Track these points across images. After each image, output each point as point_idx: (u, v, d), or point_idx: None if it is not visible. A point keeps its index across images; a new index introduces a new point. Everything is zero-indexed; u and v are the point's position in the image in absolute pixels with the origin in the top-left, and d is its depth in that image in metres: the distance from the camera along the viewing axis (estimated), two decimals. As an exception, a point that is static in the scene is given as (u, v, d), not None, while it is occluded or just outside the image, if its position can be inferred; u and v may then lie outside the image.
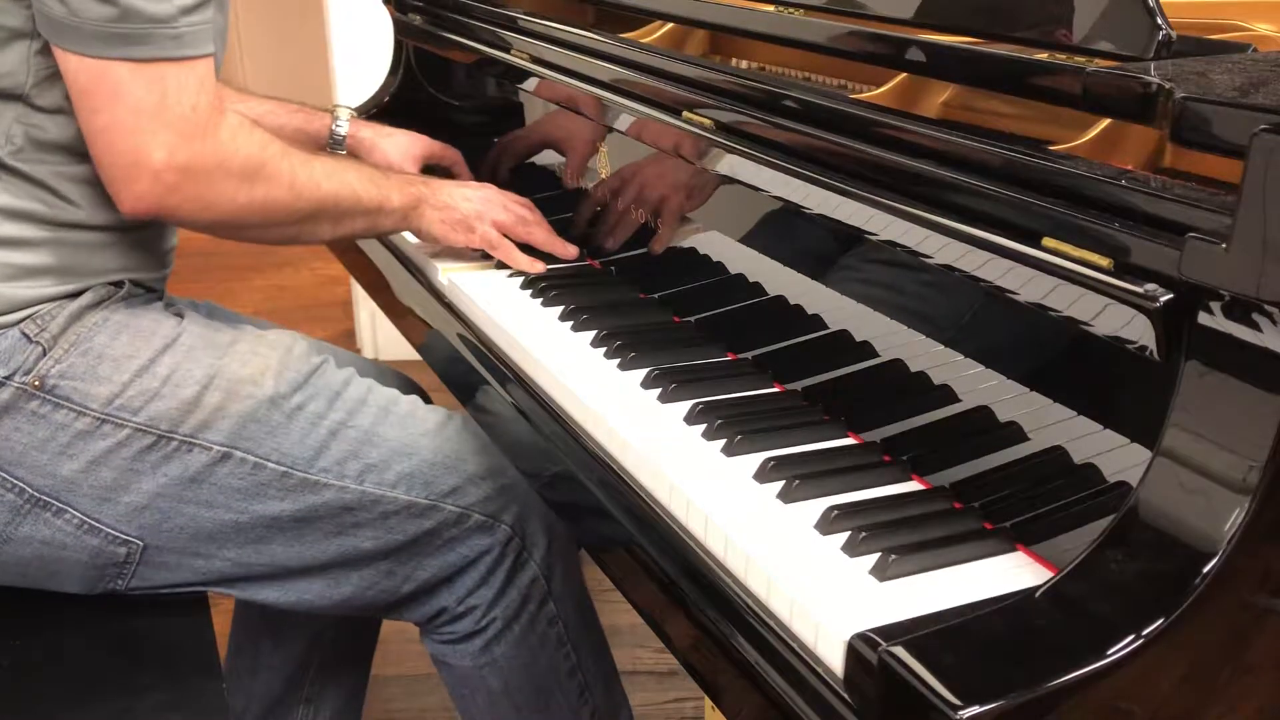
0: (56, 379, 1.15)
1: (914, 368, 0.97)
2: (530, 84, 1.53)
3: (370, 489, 1.23)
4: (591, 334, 1.21)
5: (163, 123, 1.10)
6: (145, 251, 1.26)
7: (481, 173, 1.75)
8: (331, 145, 1.62)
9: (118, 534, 1.18)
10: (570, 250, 1.43)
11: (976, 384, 0.91)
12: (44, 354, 1.15)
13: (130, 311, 1.21)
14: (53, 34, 1.09)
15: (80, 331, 1.17)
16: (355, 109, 1.97)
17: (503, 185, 1.48)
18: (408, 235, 1.54)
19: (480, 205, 1.39)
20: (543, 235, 1.42)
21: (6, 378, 1.13)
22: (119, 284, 1.22)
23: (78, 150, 1.15)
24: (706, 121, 1.15)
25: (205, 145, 1.12)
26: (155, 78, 1.09)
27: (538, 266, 1.39)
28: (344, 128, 1.61)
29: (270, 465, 1.20)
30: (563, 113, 1.48)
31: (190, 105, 1.11)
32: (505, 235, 1.39)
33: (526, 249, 1.41)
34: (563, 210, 1.53)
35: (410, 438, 1.26)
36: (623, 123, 1.32)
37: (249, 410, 1.20)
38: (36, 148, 1.15)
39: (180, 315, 1.26)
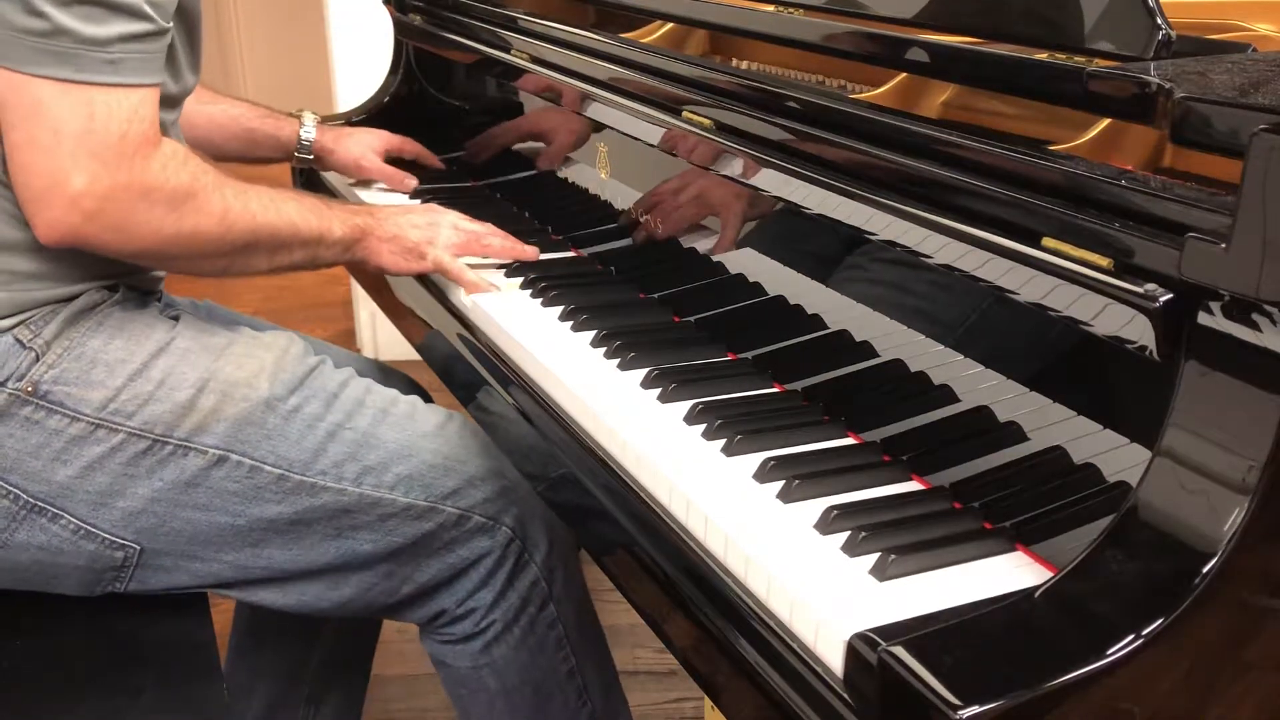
0: (50, 384, 1.14)
1: (914, 368, 0.97)
2: (529, 83, 1.53)
3: (368, 491, 1.23)
4: (591, 334, 1.21)
5: (86, 149, 1.05)
6: None
7: (479, 166, 1.76)
8: (299, 150, 1.67)
9: (114, 539, 1.18)
10: (529, 252, 1.41)
11: (976, 384, 0.91)
12: (37, 359, 1.14)
13: (124, 315, 1.20)
14: None
15: (74, 336, 1.16)
16: (352, 109, 1.99)
17: (501, 181, 1.48)
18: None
19: (428, 231, 1.37)
20: (498, 245, 1.40)
21: (0, 384, 1.13)
22: (113, 288, 1.22)
23: None
24: (706, 121, 1.15)
25: (131, 174, 1.07)
26: (82, 100, 1.04)
27: (492, 289, 1.36)
28: (311, 133, 1.66)
29: (267, 468, 1.20)
30: (560, 111, 1.48)
31: (118, 133, 1.06)
32: (461, 255, 1.37)
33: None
34: (563, 208, 1.53)
35: (409, 439, 1.26)
36: (622, 122, 1.32)
37: (244, 413, 1.19)
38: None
39: (175, 318, 1.25)
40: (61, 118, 1.04)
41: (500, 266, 1.41)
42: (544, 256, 1.43)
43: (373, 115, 1.95)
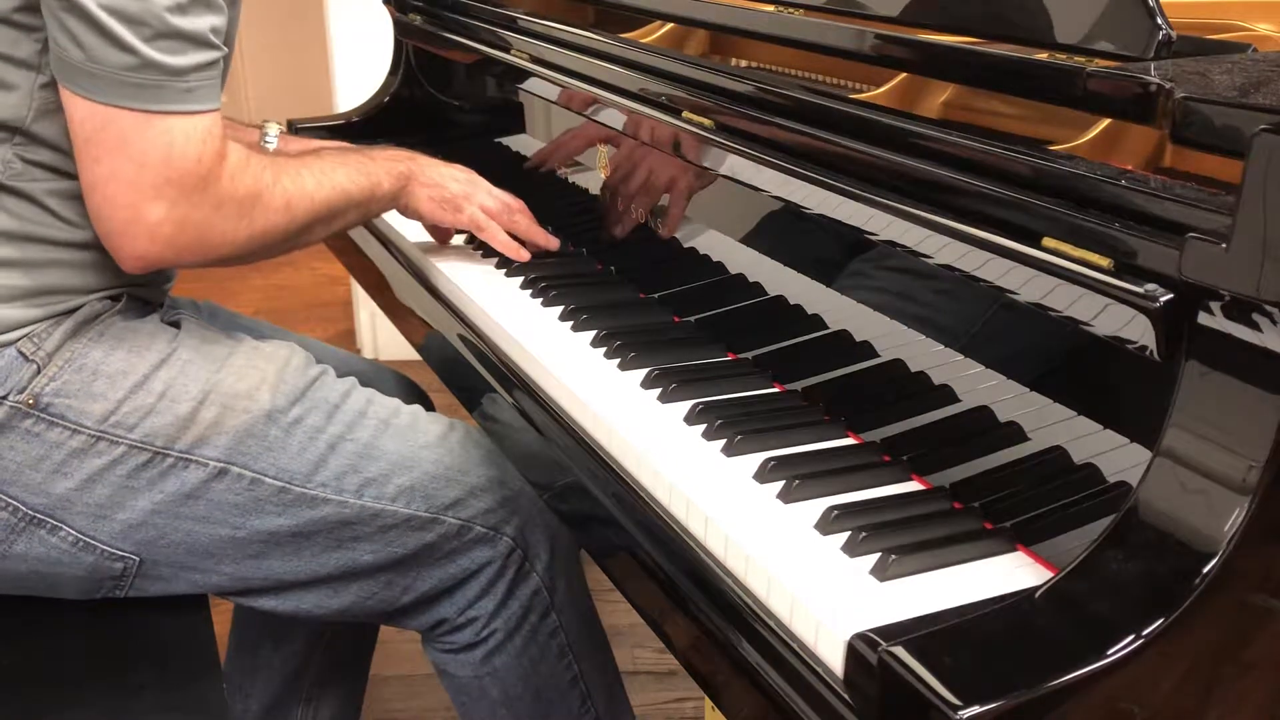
0: (51, 397, 1.14)
1: (914, 368, 0.97)
2: (530, 84, 1.53)
3: (369, 503, 1.22)
4: (591, 334, 1.21)
5: (165, 177, 1.08)
6: None
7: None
8: None
9: (113, 550, 1.17)
10: (552, 241, 1.43)
11: (976, 384, 0.91)
12: (38, 372, 1.13)
13: (126, 325, 1.20)
14: (65, 76, 1.07)
15: (75, 348, 1.15)
16: (352, 109, 1.99)
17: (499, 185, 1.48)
18: (406, 235, 1.54)
19: (468, 187, 1.40)
20: (526, 223, 1.43)
21: (2, 397, 1.12)
22: (117, 297, 1.21)
23: (74, 170, 1.12)
24: (706, 121, 1.15)
25: (205, 194, 1.10)
26: (162, 130, 1.07)
27: (523, 254, 1.39)
28: (273, 144, 1.63)
29: (267, 480, 1.19)
30: (560, 113, 1.48)
31: (195, 157, 1.09)
32: (491, 220, 1.40)
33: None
34: (563, 209, 1.53)
35: (411, 450, 1.25)
36: (622, 123, 1.32)
37: (245, 425, 1.19)
38: (34, 169, 1.14)
39: (176, 326, 1.25)
40: (145, 150, 1.07)
41: (500, 266, 1.42)
42: (540, 258, 1.43)
43: (373, 115, 1.95)
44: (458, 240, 1.51)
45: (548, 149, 1.57)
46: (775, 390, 1.10)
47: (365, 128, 1.93)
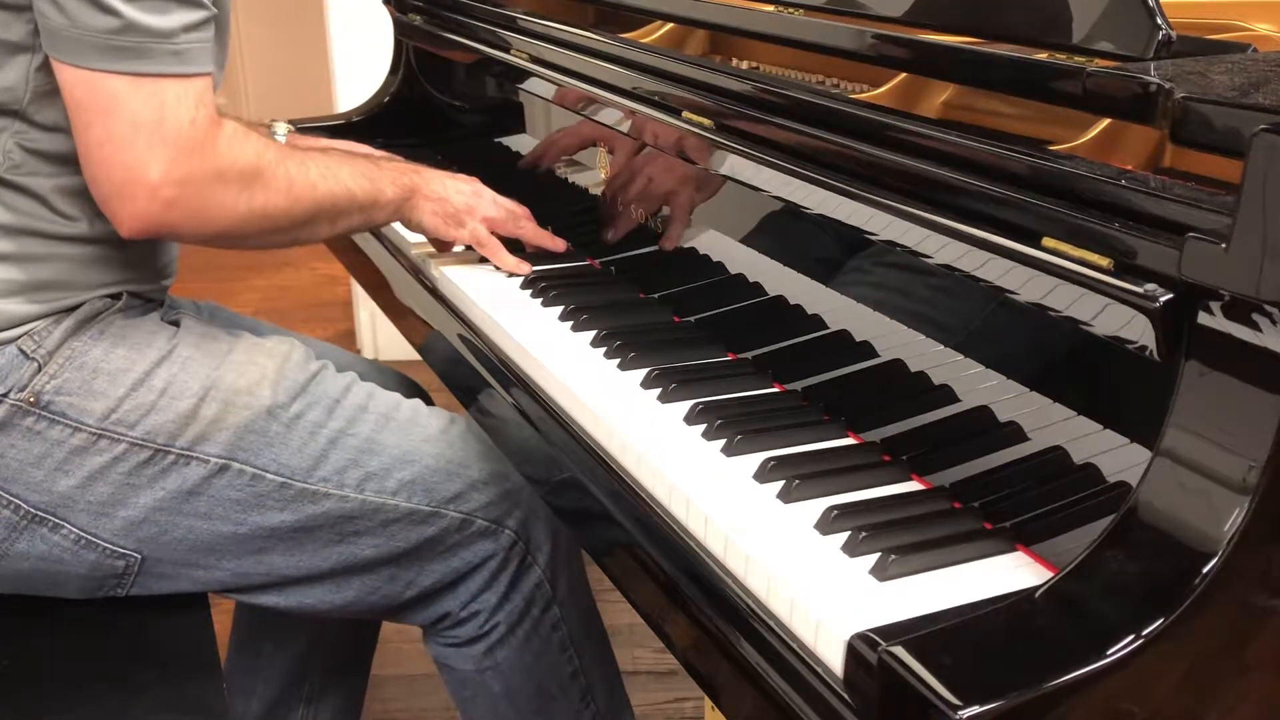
0: (52, 395, 1.14)
1: (914, 368, 0.97)
2: (530, 84, 1.53)
3: (370, 497, 1.23)
4: (591, 334, 1.21)
5: (160, 138, 1.07)
6: (145, 263, 1.25)
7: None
8: None
9: (115, 548, 1.18)
10: (559, 243, 1.43)
11: (976, 384, 0.91)
12: (39, 370, 1.14)
13: (126, 323, 1.20)
14: (51, 45, 1.07)
15: (75, 346, 1.16)
16: (352, 109, 1.99)
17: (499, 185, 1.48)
18: (406, 235, 1.54)
19: (472, 200, 1.39)
20: (532, 230, 1.42)
21: (3, 395, 1.13)
22: (116, 295, 1.21)
23: (74, 162, 1.13)
24: (706, 121, 1.15)
25: (203, 158, 1.10)
26: (153, 92, 1.07)
27: (524, 268, 1.38)
28: (281, 141, 1.63)
29: (269, 476, 1.20)
30: (560, 113, 1.48)
31: (189, 120, 1.08)
32: (495, 231, 1.39)
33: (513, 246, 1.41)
34: (563, 209, 1.53)
35: (412, 444, 1.26)
36: (622, 123, 1.32)
37: (246, 421, 1.19)
38: (33, 159, 1.14)
39: (176, 324, 1.25)
40: (137, 111, 1.07)
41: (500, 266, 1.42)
42: (540, 258, 1.43)
43: (373, 115, 1.95)
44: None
45: (543, 146, 1.57)
46: (775, 390, 1.10)
47: (365, 128, 1.93)
